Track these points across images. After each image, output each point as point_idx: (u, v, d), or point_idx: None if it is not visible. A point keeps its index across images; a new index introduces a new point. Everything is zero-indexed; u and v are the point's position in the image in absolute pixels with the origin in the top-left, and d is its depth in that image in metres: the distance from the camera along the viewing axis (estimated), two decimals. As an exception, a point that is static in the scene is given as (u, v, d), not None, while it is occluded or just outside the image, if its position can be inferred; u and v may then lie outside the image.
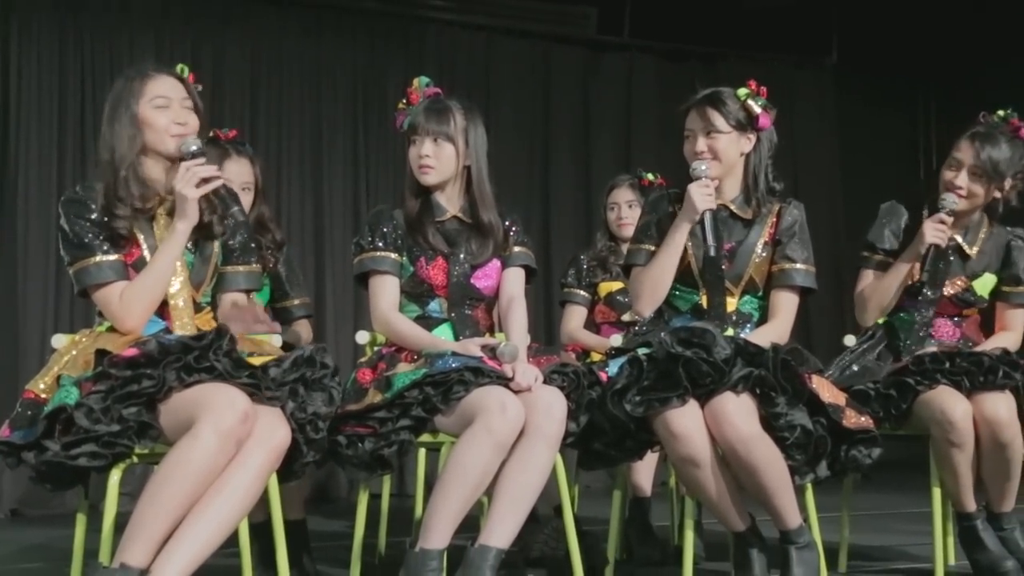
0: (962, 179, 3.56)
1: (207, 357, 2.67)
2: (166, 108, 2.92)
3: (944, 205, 3.54)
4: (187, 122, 2.94)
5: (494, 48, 7.02)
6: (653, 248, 3.35)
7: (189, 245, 2.95)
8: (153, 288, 2.87)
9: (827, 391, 3.13)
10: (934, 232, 3.49)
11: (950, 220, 3.53)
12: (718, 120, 3.28)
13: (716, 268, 3.29)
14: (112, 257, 2.88)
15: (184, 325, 2.91)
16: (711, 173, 3.26)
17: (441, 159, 3.26)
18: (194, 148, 2.91)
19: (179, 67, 3.05)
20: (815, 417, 3.06)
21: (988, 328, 3.72)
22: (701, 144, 3.29)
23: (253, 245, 3.10)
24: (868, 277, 3.67)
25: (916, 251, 3.53)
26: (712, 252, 3.22)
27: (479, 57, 6.97)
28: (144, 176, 2.94)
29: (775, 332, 3.27)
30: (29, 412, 2.73)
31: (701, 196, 3.22)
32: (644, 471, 4.05)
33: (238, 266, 3.07)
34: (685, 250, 3.29)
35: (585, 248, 4.69)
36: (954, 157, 3.60)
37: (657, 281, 3.29)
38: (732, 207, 3.34)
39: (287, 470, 2.79)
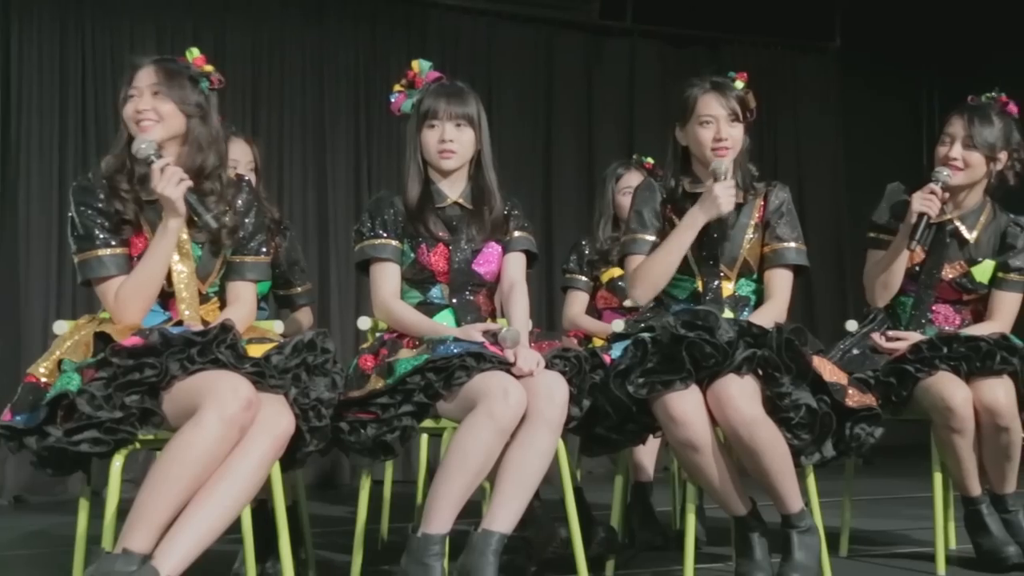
0: (956, 151, 3.55)
1: (211, 350, 2.67)
2: (134, 98, 2.91)
3: (937, 177, 3.53)
4: (150, 109, 2.89)
5: (497, 33, 6.99)
6: (652, 238, 3.37)
7: (199, 239, 2.94)
8: (146, 286, 2.86)
9: (828, 371, 3.15)
10: (921, 201, 3.48)
11: (940, 191, 3.50)
12: (736, 108, 3.32)
13: (712, 253, 3.33)
14: (116, 251, 2.88)
15: (189, 316, 2.91)
16: (728, 165, 3.27)
17: (463, 143, 3.24)
18: (151, 153, 2.86)
19: (188, 51, 3.02)
20: (818, 396, 3.07)
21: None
22: (725, 131, 3.30)
23: (261, 236, 3.08)
24: (873, 256, 3.67)
25: (907, 223, 3.52)
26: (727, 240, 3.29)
27: (482, 42, 6.95)
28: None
29: (774, 311, 3.30)
30: (31, 396, 2.74)
31: (727, 198, 3.24)
32: (646, 455, 4.05)
33: (245, 256, 3.05)
34: None
35: (587, 234, 4.66)
36: (946, 133, 3.60)
37: (662, 272, 3.31)
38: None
39: (290, 458, 2.78)
